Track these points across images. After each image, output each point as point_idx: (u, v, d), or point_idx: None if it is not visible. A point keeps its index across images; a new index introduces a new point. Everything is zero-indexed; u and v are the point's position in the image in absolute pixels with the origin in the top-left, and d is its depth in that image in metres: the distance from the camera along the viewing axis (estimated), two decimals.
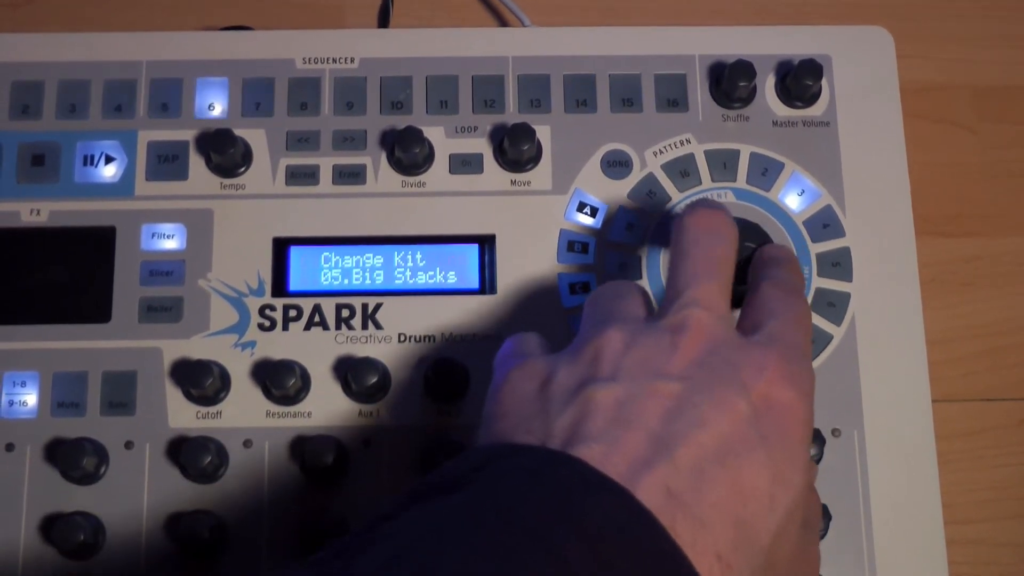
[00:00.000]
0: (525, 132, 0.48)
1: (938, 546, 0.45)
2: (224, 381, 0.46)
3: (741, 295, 0.42)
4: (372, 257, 0.48)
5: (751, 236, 0.46)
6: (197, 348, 0.47)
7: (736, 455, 0.34)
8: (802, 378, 0.37)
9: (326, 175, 0.49)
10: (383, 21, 0.58)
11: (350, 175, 0.49)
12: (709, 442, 0.34)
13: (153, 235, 0.48)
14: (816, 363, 0.47)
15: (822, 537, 0.45)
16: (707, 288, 0.38)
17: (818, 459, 0.46)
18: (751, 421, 0.35)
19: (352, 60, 0.50)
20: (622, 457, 0.33)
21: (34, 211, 0.48)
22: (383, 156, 0.49)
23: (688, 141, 0.50)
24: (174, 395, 0.46)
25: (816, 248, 0.48)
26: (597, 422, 0.34)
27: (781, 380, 0.36)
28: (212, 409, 0.46)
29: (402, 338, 0.47)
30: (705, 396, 0.35)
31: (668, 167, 0.49)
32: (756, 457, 0.34)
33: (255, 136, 0.49)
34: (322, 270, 0.48)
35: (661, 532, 0.31)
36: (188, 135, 0.49)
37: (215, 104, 0.50)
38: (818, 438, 0.45)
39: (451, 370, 0.45)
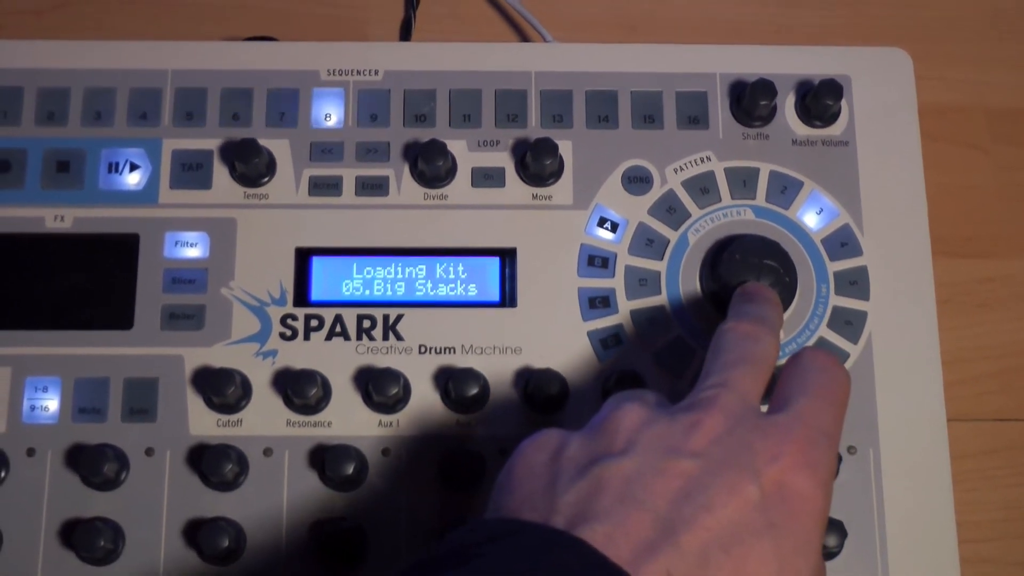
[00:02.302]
0: (547, 147, 0.48)
1: (952, 564, 0.46)
2: (245, 389, 0.46)
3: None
4: (394, 268, 0.48)
5: (770, 254, 0.47)
6: (219, 356, 0.47)
7: (741, 543, 0.33)
8: (820, 466, 0.35)
9: (349, 186, 0.49)
10: (405, 34, 0.58)
11: (373, 187, 0.49)
12: (715, 527, 0.33)
13: (176, 243, 0.48)
14: None
15: (837, 554, 0.45)
16: (738, 373, 0.38)
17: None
18: (760, 508, 0.34)
19: (376, 72, 0.51)
20: (626, 540, 0.32)
21: (58, 217, 0.48)
22: (406, 168, 0.49)
23: (708, 158, 0.50)
24: (195, 402, 0.46)
25: (834, 266, 0.49)
26: (604, 500, 0.34)
27: (796, 468, 0.35)
28: (233, 417, 0.46)
29: (422, 349, 0.47)
30: (716, 478, 0.34)
31: (688, 184, 0.50)
32: (762, 546, 0.33)
33: (279, 146, 0.50)
34: (344, 281, 0.48)
35: None
36: (212, 144, 0.50)
37: (240, 114, 0.50)
38: None
39: (470, 382, 0.46)
